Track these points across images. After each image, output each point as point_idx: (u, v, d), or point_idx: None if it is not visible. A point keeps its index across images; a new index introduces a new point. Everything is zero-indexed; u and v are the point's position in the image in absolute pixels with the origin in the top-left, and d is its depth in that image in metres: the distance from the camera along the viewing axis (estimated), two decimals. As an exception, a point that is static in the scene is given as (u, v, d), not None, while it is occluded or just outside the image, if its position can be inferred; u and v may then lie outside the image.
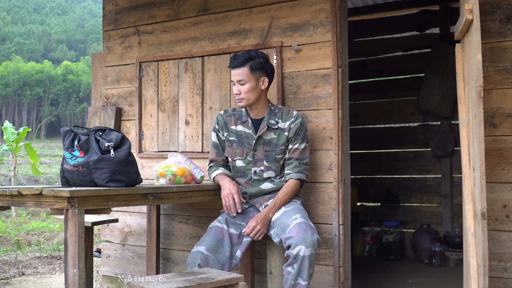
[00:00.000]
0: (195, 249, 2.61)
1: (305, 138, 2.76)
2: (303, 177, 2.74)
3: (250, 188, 2.79)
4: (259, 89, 2.70)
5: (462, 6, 2.45)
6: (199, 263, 2.55)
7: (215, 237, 2.64)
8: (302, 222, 2.51)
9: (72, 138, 2.43)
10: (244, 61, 2.67)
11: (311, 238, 2.43)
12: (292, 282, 2.46)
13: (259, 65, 2.67)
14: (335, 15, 2.96)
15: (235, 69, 2.69)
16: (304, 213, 2.63)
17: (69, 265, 2.10)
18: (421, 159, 5.37)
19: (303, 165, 2.74)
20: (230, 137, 2.81)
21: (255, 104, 2.73)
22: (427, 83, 4.99)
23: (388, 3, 5.16)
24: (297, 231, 2.46)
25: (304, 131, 2.75)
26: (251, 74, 2.66)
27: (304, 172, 2.75)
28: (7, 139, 12.29)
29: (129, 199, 2.40)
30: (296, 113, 2.76)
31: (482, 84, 2.09)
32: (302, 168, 2.74)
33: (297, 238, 2.43)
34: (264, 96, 2.75)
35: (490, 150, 2.55)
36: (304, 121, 2.77)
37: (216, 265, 2.59)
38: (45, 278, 4.75)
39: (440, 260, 4.55)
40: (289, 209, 2.65)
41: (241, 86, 2.68)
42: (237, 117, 2.81)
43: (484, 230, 2.07)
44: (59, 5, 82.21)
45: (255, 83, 2.68)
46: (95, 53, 4.19)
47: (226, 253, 2.63)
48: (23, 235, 8.81)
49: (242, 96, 2.69)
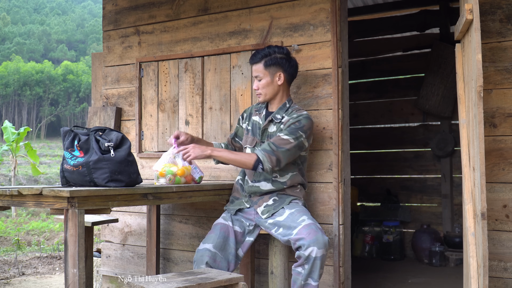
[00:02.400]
0: (202, 246, 2.62)
1: (294, 133, 2.63)
2: (262, 156, 2.58)
3: (249, 185, 2.78)
4: (275, 84, 2.76)
5: (462, 6, 2.45)
6: (207, 260, 2.56)
7: (221, 235, 2.66)
8: (311, 224, 2.52)
9: (72, 138, 2.43)
10: (260, 58, 2.75)
11: (322, 239, 2.45)
12: (302, 283, 2.47)
13: (273, 61, 2.73)
14: (335, 15, 2.96)
15: (254, 65, 2.80)
16: (310, 215, 2.64)
17: (69, 265, 2.10)
18: (421, 159, 5.37)
19: (269, 148, 2.60)
20: (249, 126, 2.91)
21: (273, 99, 2.81)
22: (427, 83, 4.99)
23: (388, 3, 5.16)
24: (308, 232, 2.46)
25: (297, 127, 2.64)
26: (265, 70, 2.75)
27: (267, 154, 2.59)
28: (7, 139, 12.29)
29: (129, 199, 2.40)
30: (303, 113, 2.70)
31: (482, 84, 2.09)
32: (268, 150, 2.60)
33: (309, 239, 2.44)
34: (282, 91, 2.80)
35: (490, 150, 2.55)
36: (305, 121, 2.67)
37: (223, 262, 2.60)
38: (45, 278, 4.75)
39: (440, 260, 4.55)
40: (293, 211, 2.63)
41: (258, 82, 2.78)
42: (258, 108, 2.90)
43: (484, 230, 2.07)
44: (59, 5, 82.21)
45: (270, 78, 2.75)
46: (95, 53, 4.19)
47: (232, 251, 2.65)
48: (23, 235, 8.81)
49: (259, 92, 2.80)
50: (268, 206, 2.73)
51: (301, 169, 2.81)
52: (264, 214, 2.71)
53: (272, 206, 2.72)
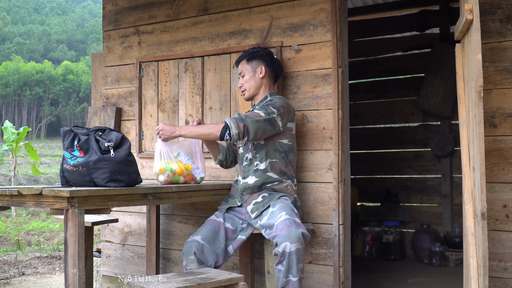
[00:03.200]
0: (190, 238, 2.67)
1: (265, 109, 2.65)
2: (228, 121, 2.59)
3: (241, 183, 2.80)
4: (257, 78, 2.84)
5: (462, 6, 2.45)
6: (195, 251, 2.59)
7: (211, 229, 2.69)
8: (286, 219, 2.48)
9: (72, 138, 2.43)
10: (243, 56, 2.88)
11: (295, 233, 2.40)
12: (283, 280, 2.41)
13: (255, 56, 2.84)
14: (335, 15, 2.96)
15: (238, 65, 2.89)
16: (290, 210, 2.58)
17: (69, 265, 2.10)
18: (421, 159, 5.37)
19: (240, 117, 2.61)
20: None
21: (256, 95, 2.87)
22: (427, 83, 4.99)
23: (388, 3, 5.16)
24: (281, 228, 2.45)
25: (268, 104, 2.69)
26: (247, 65, 2.86)
27: (235, 119, 2.59)
28: (7, 139, 12.29)
29: (129, 199, 2.40)
30: (278, 95, 2.82)
31: (482, 84, 2.09)
32: (237, 117, 2.62)
33: (282, 235, 2.41)
34: (265, 85, 2.85)
35: (490, 150, 2.55)
36: (277, 99, 2.72)
37: (210, 255, 2.62)
38: (45, 278, 4.75)
39: (440, 260, 4.55)
40: (275, 209, 2.61)
41: (242, 78, 2.86)
42: None
43: (484, 230, 2.07)
44: (59, 5, 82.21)
45: (252, 72, 2.84)
46: (95, 53, 4.19)
47: (221, 246, 2.67)
48: (23, 235, 8.81)
49: (244, 88, 2.86)
50: (257, 203, 2.71)
51: (284, 158, 2.76)
52: (253, 213, 2.70)
53: (261, 203, 2.69)
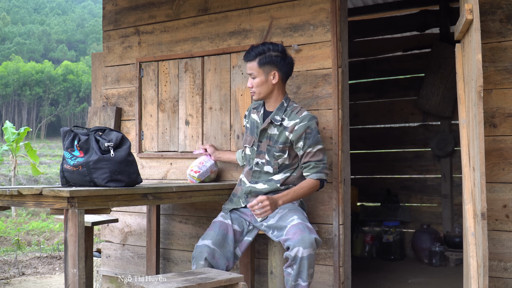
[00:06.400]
0: (200, 242, 2.61)
1: (318, 140, 2.67)
2: (322, 176, 2.67)
3: (247, 186, 2.78)
4: (269, 83, 2.70)
5: (462, 6, 2.45)
6: (206, 256, 2.55)
7: (221, 232, 2.65)
8: (299, 223, 2.49)
9: (72, 138, 2.43)
10: (254, 56, 2.69)
11: (308, 239, 2.41)
12: (292, 283, 2.44)
13: (267, 60, 2.66)
14: (335, 15, 2.96)
15: (248, 63, 2.72)
16: (302, 214, 2.61)
17: (69, 265, 2.10)
18: (421, 159, 5.37)
19: (320, 165, 2.68)
20: (248, 124, 2.89)
21: (268, 98, 2.75)
22: (427, 83, 4.99)
23: (388, 3, 5.16)
24: (294, 232, 2.44)
25: (315, 134, 2.66)
26: (259, 69, 2.68)
27: (323, 171, 2.68)
28: (7, 139, 12.29)
29: (129, 199, 2.40)
30: (304, 115, 2.67)
31: (482, 84, 2.09)
32: (320, 168, 2.67)
33: (295, 240, 2.41)
34: (277, 90, 2.73)
35: (490, 150, 2.55)
36: (314, 123, 2.66)
37: (222, 259, 2.59)
38: (45, 278, 4.75)
39: (440, 260, 4.55)
40: (285, 211, 2.61)
41: (252, 79, 2.72)
42: (257, 106, 2.87)
43: (484, 230, 2.07)
44: (59, 5, 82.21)
45: (265, 77, 2.69)
46: (95, 53, 4.19)
47: (231, 249, 2.64)
48: (23, 235, 8.81)
49: (253, 90, 2.74)
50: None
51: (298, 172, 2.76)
52: None
53: None
